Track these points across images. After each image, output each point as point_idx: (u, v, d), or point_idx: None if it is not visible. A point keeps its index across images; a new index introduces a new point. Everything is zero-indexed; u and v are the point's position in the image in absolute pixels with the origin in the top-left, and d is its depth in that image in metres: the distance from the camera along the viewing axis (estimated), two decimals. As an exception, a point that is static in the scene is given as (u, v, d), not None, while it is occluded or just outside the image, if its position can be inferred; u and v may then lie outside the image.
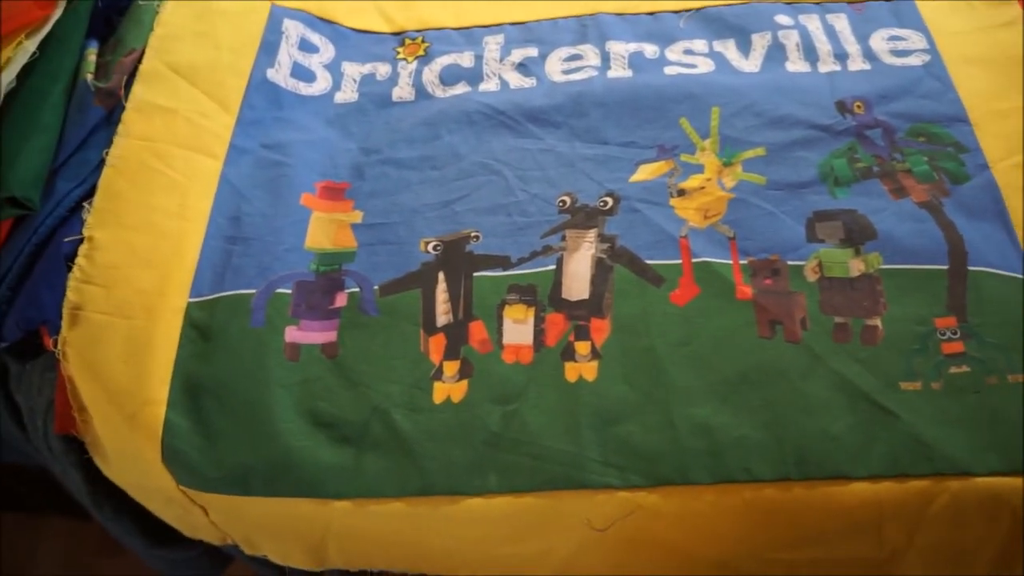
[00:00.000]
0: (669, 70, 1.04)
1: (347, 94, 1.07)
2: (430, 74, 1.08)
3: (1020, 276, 0.84)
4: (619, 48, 1.06)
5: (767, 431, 0.79)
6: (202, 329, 0.88)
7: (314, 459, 0.82)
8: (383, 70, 1.09)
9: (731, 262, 0.87)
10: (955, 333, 0.82)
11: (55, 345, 0.86)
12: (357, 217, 0.95)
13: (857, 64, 1.02)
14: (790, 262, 0.87)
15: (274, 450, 0.82)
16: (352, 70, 1.10)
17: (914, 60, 1.01)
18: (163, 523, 0.96)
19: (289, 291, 0.90)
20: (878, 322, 0.83)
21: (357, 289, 0.90)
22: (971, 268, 0.85)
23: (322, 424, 0.83)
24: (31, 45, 0.92)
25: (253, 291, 0.90)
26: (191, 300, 0.89)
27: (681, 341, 0.84)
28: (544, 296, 0.88)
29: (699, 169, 0.94)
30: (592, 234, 0.91)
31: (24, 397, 0.92)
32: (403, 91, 1.07)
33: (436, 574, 0.90)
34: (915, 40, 1.03)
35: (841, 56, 1.03)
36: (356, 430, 0.83)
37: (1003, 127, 0.94)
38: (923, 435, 0.77)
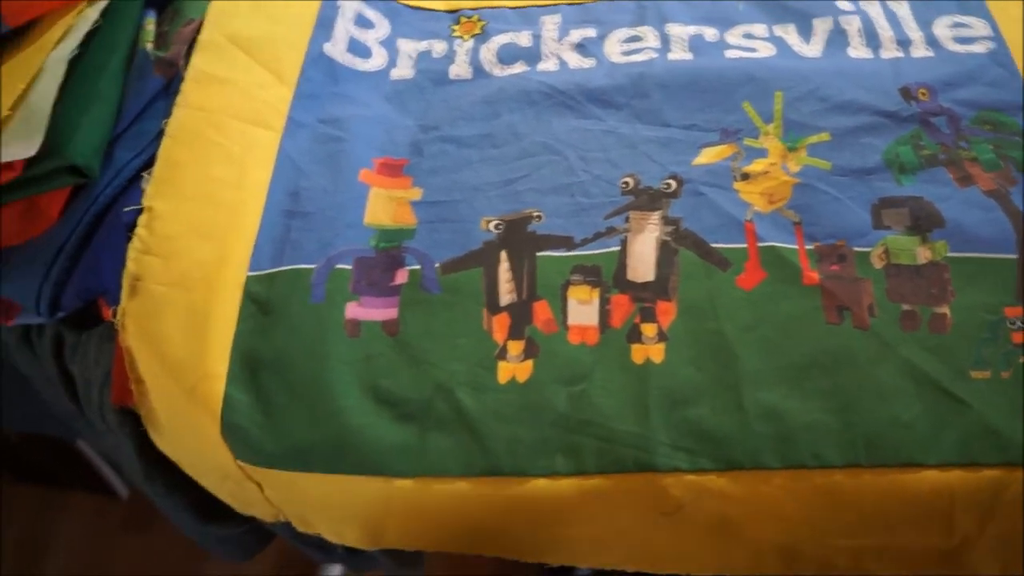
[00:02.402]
0: (730, 53, 1.03)
1: (403, 71, 1.06)
2: (487, 52, 1.06)
3: None
4: (678, 31, 1.05)
5: (837, 417, 0.78)
6: (261, 303, 0.87)
7: (376, 437, 0.81)
8: (439, 47, 1.08)
9: (797, 247, 0.87)
10: (1025, 323, 0.82)
11: (114, 316, 0.86)
12: (416, 194, 0.94)
13: (920, 51, 1.01)
14: (856, 248, 0.86)
15: (335, 427, 0.81)
16: (408, 47, 1.09)
17: (978, 47, 1.00)
18: (214, 499, 0.95)
19: (349, 267, 0.89)
20: (946, 310, 0.82)
21: (418, 266, 0.89)
22: (1040, 258, 0.84)
23: (384, 401, 0.83)
24: (93, 13, 0.91)
25: (312, 266, 0.89)
26: (250, 274, 0.88)
27: (749, 325, 0.83)
28: (609, 277, 0.87)
29: (763, 153, 0.93)
30: (656, 216, 0.90)
31: (80, 368, 0.92)
32: (460, 69, 1.05)
33: (495, 555, 0.89)
34: (979, 27, 1.02)
35: (904, 42, 1.02)
36: (419, 408, 0.82)
37: (1069, 117, 0.93)
38: (994, 424, 0.77)
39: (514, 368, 0.83)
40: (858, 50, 1.02)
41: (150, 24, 0.98)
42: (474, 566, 1.05)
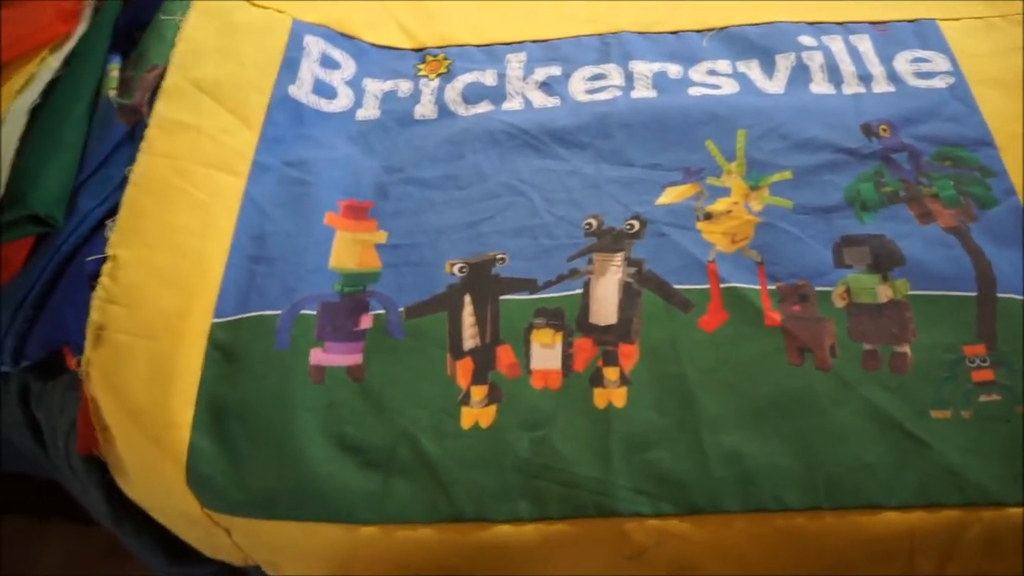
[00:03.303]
0: (693, 91, 1.03)
1: (369, 111, 1.07)
2: (452, 92, 1.07)
3: None
4: (642, 68, 1.06)
5: (798, 459, 0.79)
6: (226, 350, 0.87)
7: (341, 484, 0.81)
8: (405, 87, 1.09)
9: (759, 288, 0.87)
10: (984, 361, 0.82)
11: (78, 365, 0.86)
12: (381, 237, 0.95)
13: (882, 86, 1.02)
14: (818, 288, 0.87)
15: (300, 474, 0.81)
16: (374, 87, 1.09)
17: (938, 82, 1.01)
18: (183, 541, 0.95)
19: (314, 312, 0.90)
20: (907, 349, 0.83)
21: (383, 311, 0.89)
22: (1000, 295, 0.85)
23: (348, 448, 0.83)
24: (55, 61, 0.91)
25: (277, 312, 0.89)
26: (215, 321, 0.89)
27: (710, 368, 0.83)
28: (571, 320, 0.87)
29: (725, 192, 0.94)
30: (619, 258, 0.90)
31: (45, 416, 0.91)
32: (425, 109, 1.06)
33: None
34: (939, 62, 1.03)
35: (865, 78, 1.03)
36: (383, 455, 0.82)
37: (1029, 151, 0.94)
38: (954, 464, 0.77)
39: (477, 413, 0.83)
40: (820, 86, 1.03)
41: (114, 71, 0.99)
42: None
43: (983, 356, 0.82)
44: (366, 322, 0.89)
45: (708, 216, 0.92)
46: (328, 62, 1.10)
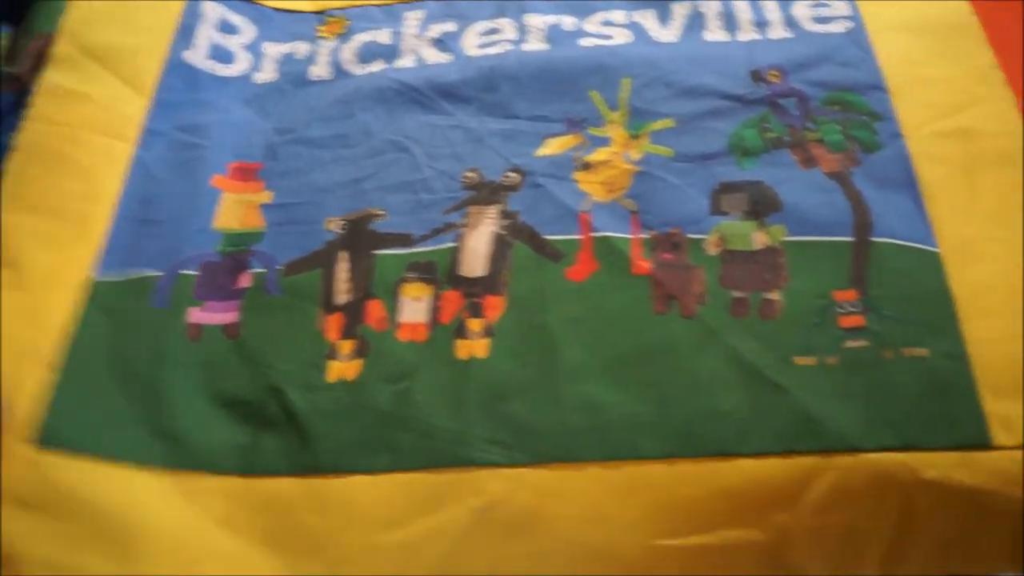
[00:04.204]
0: (585, 42, 1.02)
1: (267, 74, 1.07)
2: (348, 51, 1.07)
3: (923, 247, 0.82)
4: (537, 21, 1.05)
5: (656, 408, 0.78)
6: (106, 309, 0.88)
7: (212, 439, 0.81)
8: (303, 49, 1.09)
9: (630, 237, 0.86)
10: (855, 306, 0.80)
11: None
12: (267, 197, 0.95)
13: (777, 32, 1.00)
14: (691, 235, 0.86)
15: (173, 430, 0.82)
16: (273, 50, 1.09)
17: (836, 27, 0.99)
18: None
19: (195, 272, 0.90)
20: (777, 296, 0.82)
21: (263, 270, 0.90)
22: (875, 239, 0.83)
23: (222, 404, 0.83)
24: (-64, 32, 0.92)
25: (159, 272, 0.90)
26: (97, 280, 0.89)
27: (576, 318, 0.83)
28: (443, 273, 0.87)
29: (606, 142, 0.93)
30: (494, 210, 0.90)
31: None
32: (321, 69, 1.06)
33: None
34: (839, 7, 1.01)
35: (761, 24, 1.01)
36: (254, 409, 0.83)
37: (922, 95, 0.92)
38: (813, 411, 0.76)
39: (343, 367, 0.83)
40: (714, 33, 1.01)
41: (5, 39, 1.00)
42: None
43: (853, 302, 0.81)
44: (245, 281, 0.90)
45: (587, 166, 0.92)
46: (227, 27, 1.10)
